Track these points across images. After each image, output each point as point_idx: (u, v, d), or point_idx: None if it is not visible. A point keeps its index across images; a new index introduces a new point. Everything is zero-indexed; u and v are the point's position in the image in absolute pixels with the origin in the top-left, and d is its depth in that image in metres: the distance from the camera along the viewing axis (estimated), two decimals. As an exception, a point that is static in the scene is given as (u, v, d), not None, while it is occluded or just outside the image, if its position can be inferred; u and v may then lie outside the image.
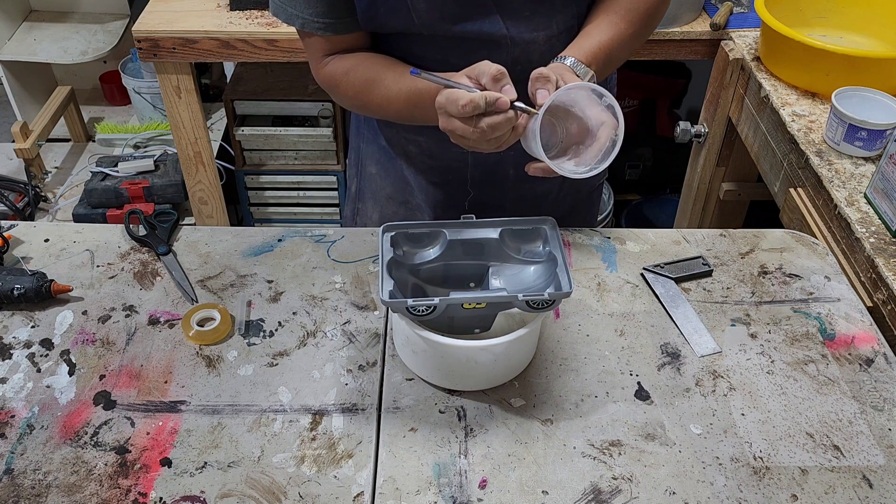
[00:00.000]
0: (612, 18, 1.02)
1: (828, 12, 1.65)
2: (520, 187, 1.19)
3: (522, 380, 0.92)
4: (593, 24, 1.03)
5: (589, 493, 0.81)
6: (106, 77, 2.81)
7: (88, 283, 1.04)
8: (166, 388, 0.91)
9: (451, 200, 1.21)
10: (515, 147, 1.12)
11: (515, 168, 1.16)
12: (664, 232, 1.14)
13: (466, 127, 0.87)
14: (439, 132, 1.09)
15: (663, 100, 2.41)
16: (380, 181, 1.25)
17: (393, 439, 0.86)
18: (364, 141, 1.23)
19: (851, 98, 1.32)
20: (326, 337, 0.97)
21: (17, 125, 2.35)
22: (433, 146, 1.15)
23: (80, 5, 2.71)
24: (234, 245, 1.11)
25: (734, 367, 0.94)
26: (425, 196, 1.22)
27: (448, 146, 1.11)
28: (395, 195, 1.25)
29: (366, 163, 1.25)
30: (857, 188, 1.23)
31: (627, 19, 1.02)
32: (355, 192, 1.31)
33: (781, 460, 0.84)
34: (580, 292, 1.04)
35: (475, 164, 1.16)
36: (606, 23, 1.02)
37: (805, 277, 1.07)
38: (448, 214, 1.21)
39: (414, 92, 0.99)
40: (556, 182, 1.21)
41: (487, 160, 1.14)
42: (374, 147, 1.22)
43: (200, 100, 1.91)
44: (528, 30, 1.02)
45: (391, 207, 1.26)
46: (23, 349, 0.95)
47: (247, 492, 0.80)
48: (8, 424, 0.86)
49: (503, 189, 1.19)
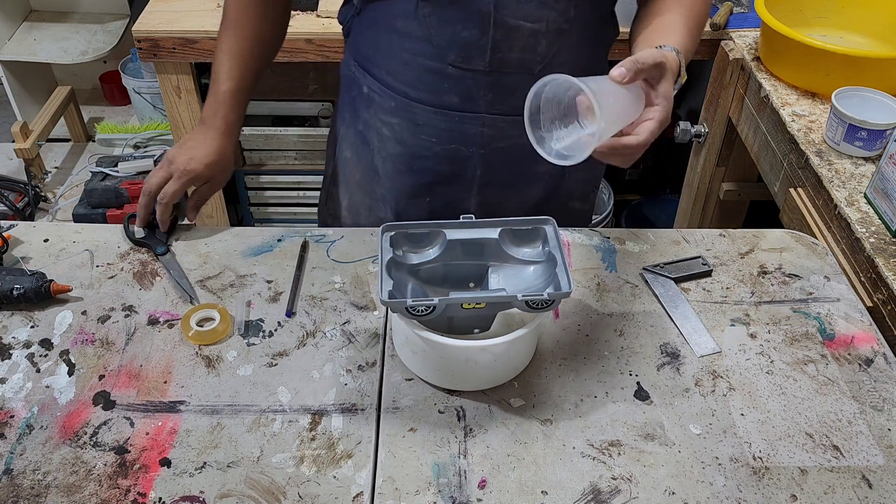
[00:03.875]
0: (680, 14, 1.00)
1: (828, 12, 1.65)
2: (485, 190, 1.17)
3: (522, 380, 0.92)
4: (667, 22, 1.00)
5: (588, 494, 0.81)
6: (106, 77, 2.82)
7: (88, 283, 1.04)
8: (166, 389, 0.91)
9: (414, 194, 1.19)
10: (484, 145, 1.12)
11: (483, 169, 1.14)
12: (664, 232, 1.14)
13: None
14: (412, 117, 1.10)
15: (663, 100, 2.41)
16: (352, 166, 1.24)
17: (392, 439, 0.86)
18: (344, 124, 1.23)
19: (851, 98, 1.32)
20: (326, 337, 0.97)
21: (17, 125, 2.35)
22: (404, 130, 1.13)
23: (80, 5, 2.72)
24: (233, 245, 1.11)
25: (734, 367, 0.94)
26: (391, 184, 1.20)
27: (418, 133, 1.13)
28: (363, 183, 1.24)
29: (342, 146, 1.25)
30: (857, 188, 1.23)
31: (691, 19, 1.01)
32: (330, 175, 1.31)
33: (781, 460, 0.84)
34: (580, 292, 1.04)
35: (443, 155, 1.14)
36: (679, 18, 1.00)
37: (805, 277, 1.07)
38: (409, 209, 1.20)
39: (216, 74, 1.12)
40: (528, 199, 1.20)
41: (455, 154, 1.13)
42: (352, 131, 1.21)
43: (200, 100, 1.91)
44: (517, 15, 1.00)
45: (358, 195, 1.25)
46: (22, 349, 0.95)
47: (246, 492, 0.80)
48: (7, 424, 0.86)
49: (468, 189, 1.17)
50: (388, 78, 1.10)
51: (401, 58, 1.07)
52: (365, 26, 1.11)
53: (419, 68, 1.06)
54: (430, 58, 1.04)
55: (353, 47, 1.16)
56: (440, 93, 1.07)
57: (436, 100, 1.08)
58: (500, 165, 1.14)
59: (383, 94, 1.12)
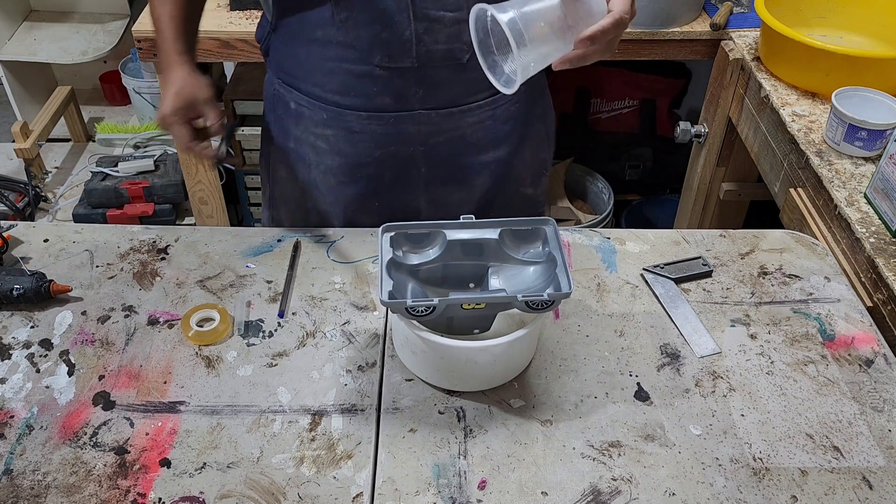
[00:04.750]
0: None
1: (828, 12, 1.65)
2: (433, 190, 1.17)
3: (522, 380, 0.92)
4: None
5: (588, 494, 0.81)
6: (106, 77, 2.81)
7: (88, 284, 1.04)
8: (165, 389, 0.91)
9: (362, 202, 1.17)
10: (423, 142, 1.11)
11: (427, 167, 1.14)
12: (664, 232, 1.14)
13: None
14: (347, 126, 1.08)
15: (663, 100, 2.41)
16: (290, 185, 1.21)
17: (392, 440, 0.86)
18: (273, 145, 1.20)
19: (851, 98, 1.32)
20: (326, 337, 0.97)
21: (17, 125, 2.35)
22: (340, 141, 1.12)
23: (80, 5, 2.72)
24: (233, 245, 1.11)
25: (734, 367, 0.94)
26: (335, 197, 1.18)
27: (356, 141, 1.11)
28: (302, 200, 1.21)
29: (276, 166, 1.22)
30: (857, 188, 1.23)
31: None
32: (269, 198, 1.28)
33: (781, 461, 0.84)
34: (580, 293, 1.04)
35: (384, 159, 1.13)
36: None
37: (805, 278, 1.07)
38: (359, 219, 1.18)
39: (159, 27, 1.05)
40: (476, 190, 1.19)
41: (397, 155, 1.12)
42: (284, 150, 1.19)
43: (200, 100, 1.90)
44: (436, 6, 0.99)
45: (300, 213, 1.23)
46: (22, 349, 0.95)
47: (246, 492, 0.80)
48: (7, 425, 0.86)
49: (415, 189, 1.16)
50: (315, 90, 1.09)
51: (325, 67, 1.05)
52: (283, 42, 1.09)
53: (346, 74, 1.05)
54: (355, 62, 1.03)
55: (274, 65, 1.14)
56: (371, 96, 1.06)
57: (368, 104, 1.07)
58: (442, 161, 1.14)
59: (313, 107, 1.10)
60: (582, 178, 2.45)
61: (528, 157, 1.22)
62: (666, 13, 1.73)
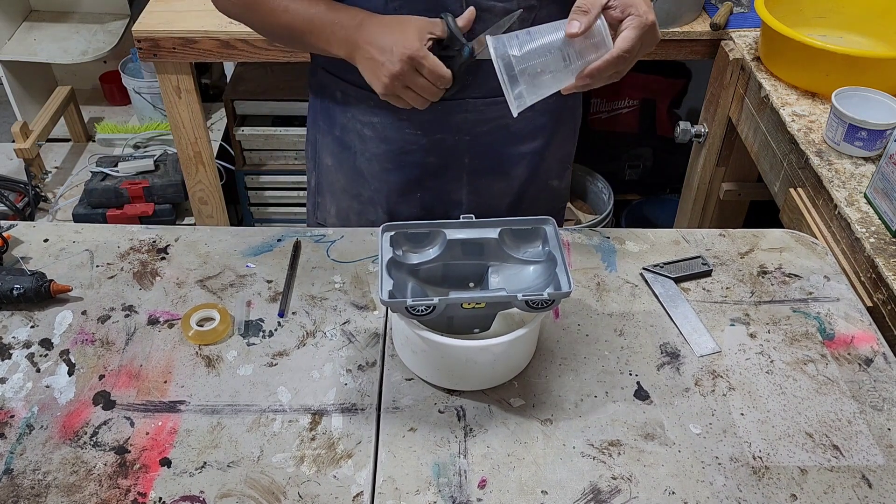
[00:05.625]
0: None
1: (828, 12, 1.65)
2: (474, 178, 1.18)
3: (522, 380, 0.92)
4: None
5: (588, 493, 0.81)
6: (106, 77, 2.81)
7: (88, 283, 1.04)
8: (166, 388, 0.91)
9: (405, 190, 1.19)
10: (469, 131, 1.12)
11: (471, 156, 1.15)
12: (664, 232, 1.14)
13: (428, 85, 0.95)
14: (395, 113, 1.07)
15: (663, 100, 2.41)
16: (335, 173, 1.23)
17: (392, 439, 0.86)
18: (320, 132, 1.22)
19: (851, 98, 1.32)
20: (326, 337, 0.97)
21: (17, 125, 2.35)
22: (388, 127, 1.13)
23: (80, 5, 2.71)
24: (233, 245, 1.11)
25: (733, 366, 0.94)
26: (378, 185, 1.19)
27: (403, 128, 1.12)
28: (348, 188, 1.23)
29: (322, 154, 1.24)
30: (857, 188, 1.23)
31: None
32: (314, 186, 1.30)
33: (781, 460, 0.84)
34: (580, 292, 1.04)
35: (430, 147, 1.14)
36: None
37: (804, 277, 1.07)
38: (401, 208, 1.20)
39: (310, 18, 0.99)
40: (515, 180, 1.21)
41: (443, 143, 1.13)
42: (330, 138, 1.20)
43: (200, 100, 1.91)
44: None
45: (346, 201, 1.25)
46: (22, 349, 0.95)
47: (246, 492, 0.80)
48: (7, 424, 0.86)
49: (458, 179, 1.18)
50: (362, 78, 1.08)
51: None
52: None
53: None
54: None
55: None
56: None
57: None
58: (486, 150, 1.15)
59: (360, 94, 1.11)
60: (582, 178, 2.45)
61: (558, 149, 1.25)
62: (666, 13, 1.73)
